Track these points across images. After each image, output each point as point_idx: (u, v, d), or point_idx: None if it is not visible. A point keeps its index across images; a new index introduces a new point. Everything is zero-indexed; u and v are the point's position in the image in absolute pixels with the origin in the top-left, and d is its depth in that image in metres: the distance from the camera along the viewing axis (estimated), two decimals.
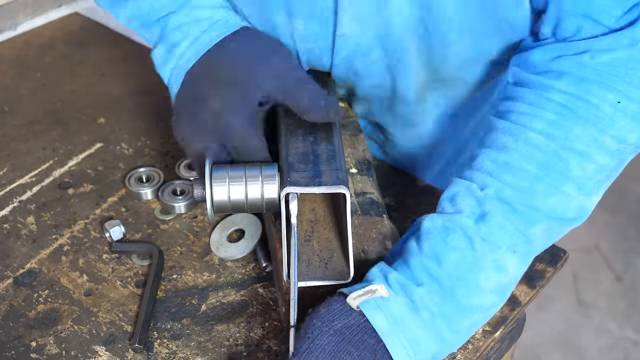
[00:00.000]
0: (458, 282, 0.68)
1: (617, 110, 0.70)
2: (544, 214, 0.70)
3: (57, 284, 0.84)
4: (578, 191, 0.71)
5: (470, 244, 0.69)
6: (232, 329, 0.79)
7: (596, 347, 2.14)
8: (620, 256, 2.40)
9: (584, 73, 0.70)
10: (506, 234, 0.70)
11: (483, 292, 0.69)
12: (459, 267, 0.68)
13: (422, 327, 0.67)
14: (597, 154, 0.70)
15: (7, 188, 0.96)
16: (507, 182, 0.70)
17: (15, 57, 1.22)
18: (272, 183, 0.75)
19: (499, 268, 0.69)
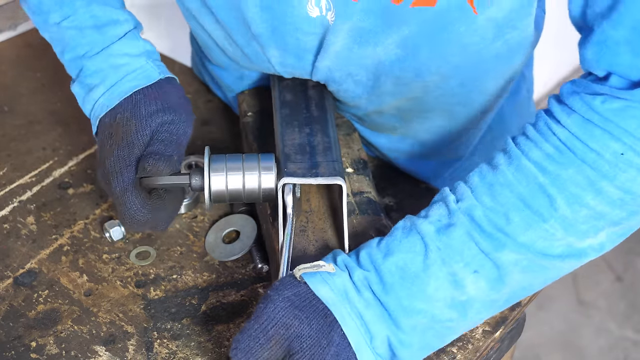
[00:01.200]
0: (400, 282, 0.67)
1: (619, 161, 0.66)
2: (519, 244, 0.67)
3: (57, 284, 0.84)
4: (564, 231, 0.67)
5: (425, 249, 0.68)
6: (232, 329, 0.79)
7: (596, 347, 2.14)
8: (620, 256, 2.40)
9: (591, 116, 0.68)
10: (467, 251, 0.68)
11: (431, 301, 0.67)
12: (405, 268, 0.68)
13: (365, 306, 0.67)
14: (592, 199, 0.67)
15: (7, 188, 0.96)
16: (482, 202, 0.69)
17: (15, 57, 1.22)
18: (269, 173, 0.76)
19: (455, 283, 0.68)
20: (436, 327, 0.69)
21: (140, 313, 0.81)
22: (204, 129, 1.05)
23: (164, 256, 0.87)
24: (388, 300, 0.67)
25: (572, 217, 0.67)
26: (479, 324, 0.73)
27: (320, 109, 0.84)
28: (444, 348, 0.77)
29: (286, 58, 0.84)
